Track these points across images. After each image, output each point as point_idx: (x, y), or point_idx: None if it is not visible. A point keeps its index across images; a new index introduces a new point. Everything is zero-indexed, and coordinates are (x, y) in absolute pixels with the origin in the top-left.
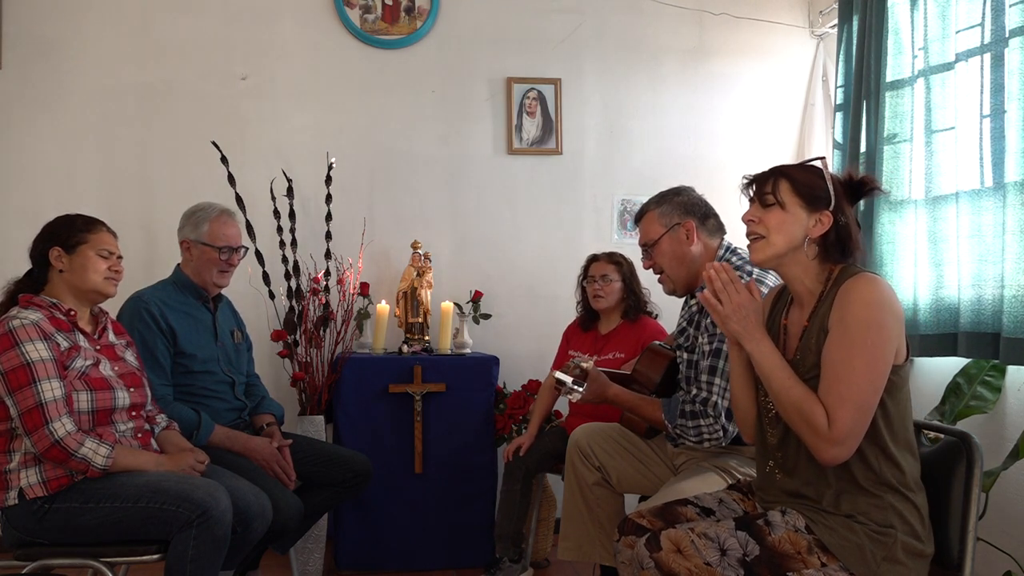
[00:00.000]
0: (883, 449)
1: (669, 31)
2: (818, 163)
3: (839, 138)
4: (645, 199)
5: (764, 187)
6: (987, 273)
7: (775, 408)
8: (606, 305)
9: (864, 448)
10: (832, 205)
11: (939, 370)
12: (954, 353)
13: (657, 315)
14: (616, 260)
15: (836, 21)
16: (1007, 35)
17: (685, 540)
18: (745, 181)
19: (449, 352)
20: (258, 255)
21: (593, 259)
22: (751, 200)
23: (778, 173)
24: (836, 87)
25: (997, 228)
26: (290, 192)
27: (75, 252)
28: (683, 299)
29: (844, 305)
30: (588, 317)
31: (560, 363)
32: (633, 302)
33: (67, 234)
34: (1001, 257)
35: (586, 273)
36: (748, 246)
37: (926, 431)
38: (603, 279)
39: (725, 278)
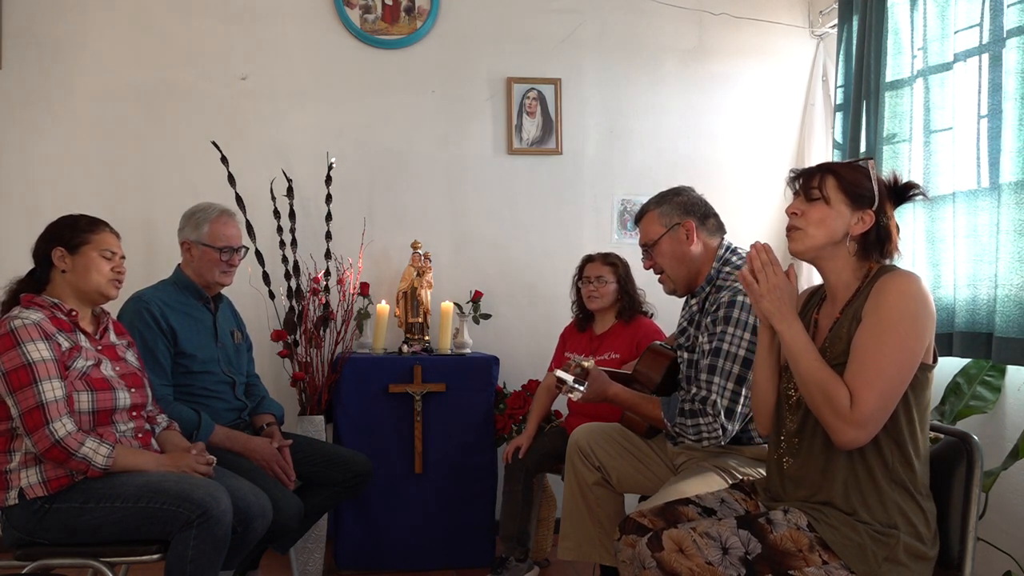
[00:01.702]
0: (900, 446)
1: (669, 31)
2: (866, 164)
3: (839, 138)
4: (645, 199)
5: (810, 182)
6: (982, 273)
7: (796, 394)
8: (600, 306)
9: (882, 440)
10: (875, 205)
11: (939, 370)
12: (949, 353)
13: (653, 314)
14: (611, 261)
15: (836, 21)
16: (1005, 35)
17: (687, 539)
18: (792, 175)
19: (449, 352)
20: (258, 255)
21: (588, 260)
22: (795, 194)
23: (826, 169)
24: (836, 87)
25: (992, 228)
26: (290, 192)
27: (78, 252)
28: (683, 299)
29: (881, 295)
30: (583, 317)
31: (557, 364)
32: (627, 303)
33: (70, 234)
34: (996, 257)
35: (581, 273)
36: (787, 236)
37: None
38: (598, 280)
39: (765, 259)
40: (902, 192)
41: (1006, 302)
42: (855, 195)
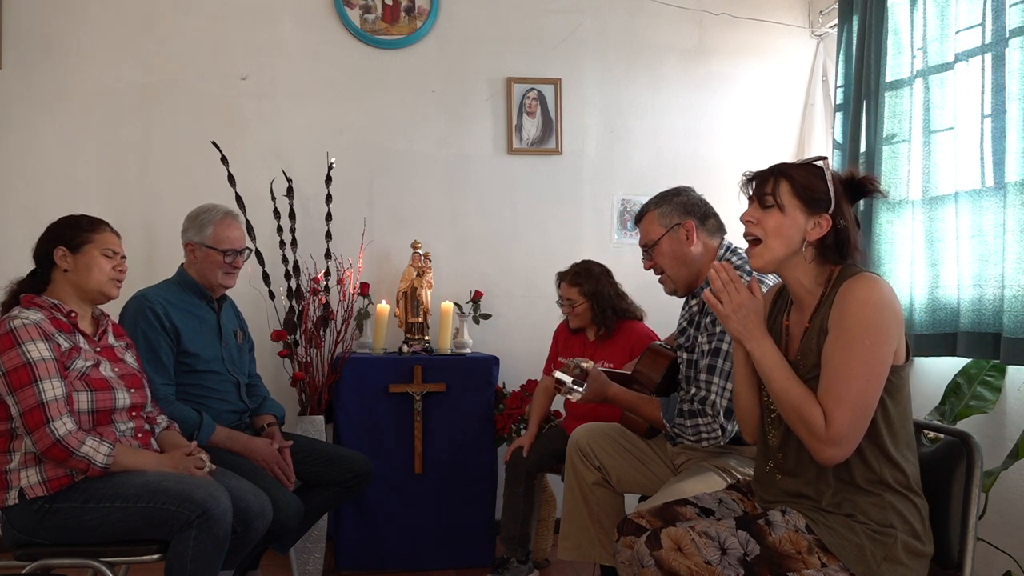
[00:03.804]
0: (883, 450)
1: (669, 31)
2: (819, 163)
3: (839, 138)
4: (645, 199)
5: (764, 187)
6: (988, 273)
7: (777, 409)
8: (578, 324)
9: (864, 448)
10: (832, 208)
11: (939, 370)
12: (953, 353)
13: (642, 317)
14: (578, 281)
15: (836, 21)
16: (1007, 35)
17: (686, 538)
18: (745, 179)
19: (449, 352)
20: (258, 255)
21: (560, 278)
22: (750, 199)
23: (778, 173)
24: (836, 87)
25: (998, 228)
26: (290, 192)
27: (80, 252)
28: (684, 299)
29: (843, 305)
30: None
31: (551, 365)
32: (600, 317)
33: (72, 234)
34: (1002, 257)
35: (558, 294)
36: (747, 250)
37: (926, 431)
38: (569, 303)
39: (725, 277)
40: (859, 188)
41: (1013, 302)
42: (809, 199)
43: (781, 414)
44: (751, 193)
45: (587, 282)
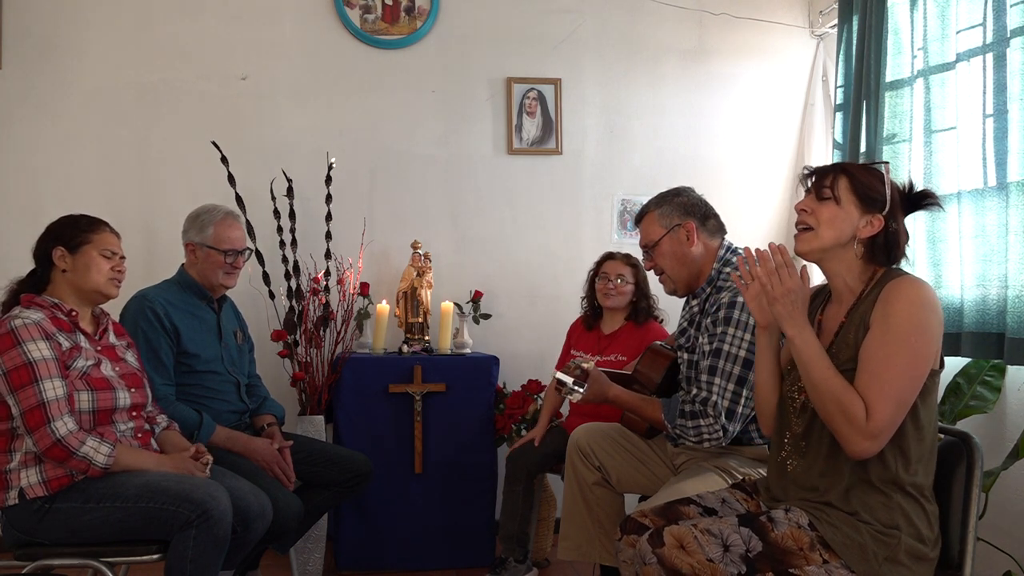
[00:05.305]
0: (904, 452)
1: (669, 31)
2: (881, 167)
3: (839, 138)
4: (645, 199)
5: (823, 180)
6: (991, 273)
7: (801, 398)
8: (615, 304)
9: (885, 448)
10: (886, 210)
11: None
12: (957, 353)
13: (663, 320)
14: (633, 263)
15: (836, 21)
16: (1008, 35)
17: (688, 536)
18: (805, 172)
19: (449, 352)
20: (258, 255)
21: (609, 256)
22: (807, 191)
23: (839, 169)
24: (836, 87)
25: (1000, 228)
26: (290, 192)
27: (78, 252)
28: (684, 300)
29: (889, 303)
30: (592, 315)
31: (564, 361)
32: (644, 305)
33: (71, 234)
34: (1005, 257)
35: (599, 269)
36: (795, 236)
37: None
38: (619, 279)
39: (779, 260)
40: (916, 200)
41: (1016, 302)
42: (866, 198)
43: (816, 404)
44: (809, 185)
45: (640, 268)
